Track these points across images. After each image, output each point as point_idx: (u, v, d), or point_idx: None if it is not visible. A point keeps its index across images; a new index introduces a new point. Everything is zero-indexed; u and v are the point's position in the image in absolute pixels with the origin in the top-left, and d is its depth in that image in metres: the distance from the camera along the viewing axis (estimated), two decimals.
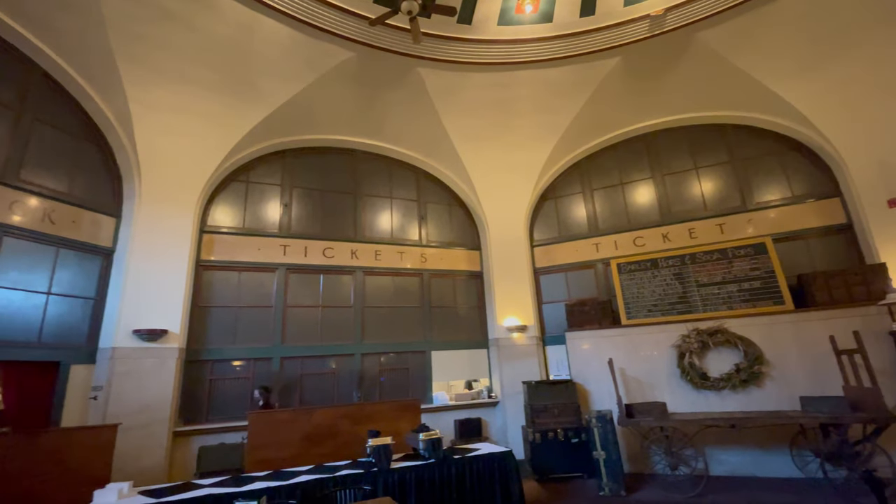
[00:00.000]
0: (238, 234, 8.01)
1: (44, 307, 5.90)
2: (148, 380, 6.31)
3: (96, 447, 5.04)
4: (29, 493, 4.60)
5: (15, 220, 5.70)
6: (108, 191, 6.89)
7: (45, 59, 6.14)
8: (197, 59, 6.62)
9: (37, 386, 5.76)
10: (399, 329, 8.71)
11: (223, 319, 7.53)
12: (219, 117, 7.35)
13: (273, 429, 5.85)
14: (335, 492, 4.00)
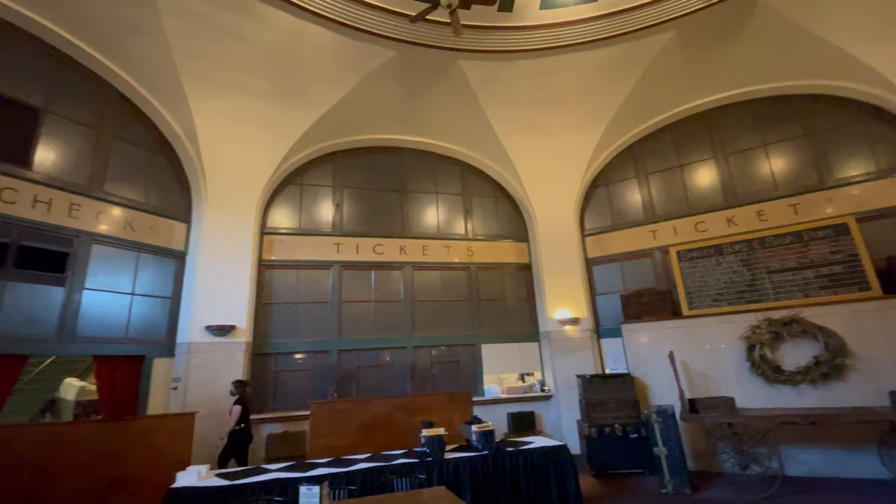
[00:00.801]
0: (295, 234, 8.42)
1: (129, 306, 6.54)
2: (220, 371, 6.82)
3: (178, 433, 5.54)
4: (124, 472, 5.14)
5: (101, 228, 6.35)
6: (179, 198, 7.48)
7: (120, 81, 6.75)
8: (251, 69, 6.99)
9: (125, 377, 6.40)
10: (448, 322, 8.79)
11: (284, 315, 7.96)
12: (273, 124, 7.74)
13: (332, 418, 6.14)
14: (391, 479, 4.13)
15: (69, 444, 5.00)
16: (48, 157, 6.01)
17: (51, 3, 5.79)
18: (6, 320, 5.35)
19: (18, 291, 5.49)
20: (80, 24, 6.07)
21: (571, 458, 5.02)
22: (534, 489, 4.82)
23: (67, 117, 6.27)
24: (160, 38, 6.23)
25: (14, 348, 5.36)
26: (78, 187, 6.19)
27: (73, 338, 5.87)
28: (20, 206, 5.57)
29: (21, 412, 8.28)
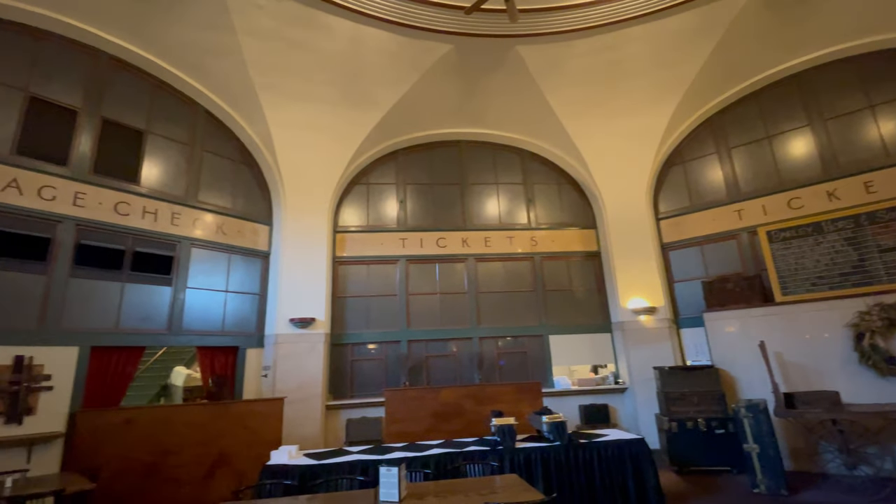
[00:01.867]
0: (363, 231, 8.83)
1: (224, 303, 7.28)
2: (303, 361, 7.39)
3: (270, 416, 6.11)
4: (226, 450, 5.79)
5: (198, 233, 7.11)
6: (262, 203, 8.15)
7: (206, 99, 7.47)
8: (318, 78, 7.40)
9: (224, 366, 7.15)
10: (514, 313, 8.74)
11: (357, 308, 8.41)
12: (340, 129, 8.14)
13: (405, 405, 6.40)
14: (464, 465, 4.24)
15: (181, 424, 5.72)
16: (152, 172, 6.83)
17: (151, 38, 6.54)
18: (127, 317, 6.20)
19: (135, 292, 6.34)
20: (172, 52, 6.80)
21: (650, 452, 4.81)
22: (609, 482, 4.69)
23: (165, 136, 7.08)
24: (238, 56, 6.79)
25: (134, 341, 6.21)
26: (177, 198, 6.98)
27: (180, 331, 6.67)
28: (132, 217, 6.41)
29: (140, 397, 9.56)
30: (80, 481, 4.28)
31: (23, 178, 5.53)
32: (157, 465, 5.41)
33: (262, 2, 6.20)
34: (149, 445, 5.43)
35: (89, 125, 6.25)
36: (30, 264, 5.47)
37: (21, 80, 5.79)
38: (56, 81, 6.07)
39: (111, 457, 5.16)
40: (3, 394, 5.05)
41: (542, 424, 5.09)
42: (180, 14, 6.23)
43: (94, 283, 5.95)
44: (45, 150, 5.81)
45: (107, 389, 5.91)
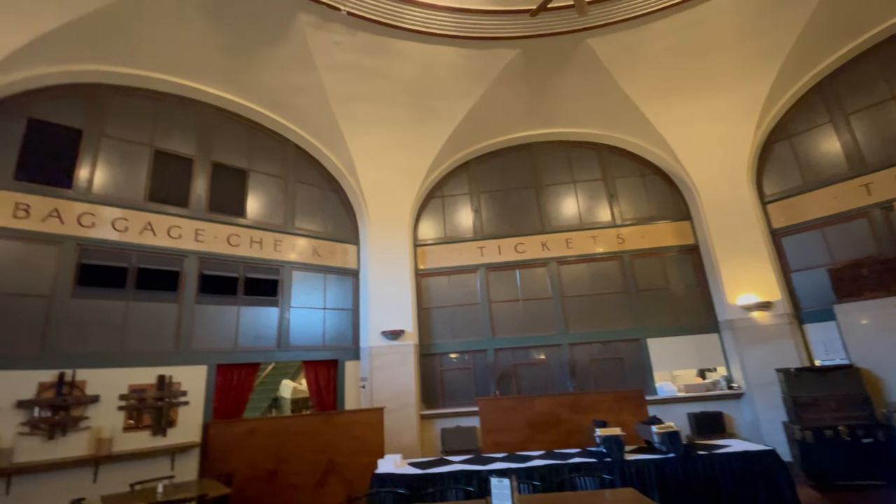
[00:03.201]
0: (441, 243, 9.00)
1: (323, 319, 7.81)
2: (396, 371, 7.66)
3: (372, 425, 6.40)
4: (336, 458, 6.14)
5: (296, 257, 7.74)
6: (349, 225, 8.67)
7: (294, 134, 8.15)
8: (391, 101, 7.74)
9: (326, 378, 7.65)
10: (604, 317, 8.31)
11: (442, 318, 8.56)
12: (414, 146, 8.43)
13: (500, 415, 6.35)
14: (573, 477, 4.08)
15: (294, 434, 6.18)
16: (255, 205, 7.58)
17: (246, 86, 7.31)
18: (243, 337, 6.90)
19: (248, 313, 7.03)
20: (264, 96, 7.54)
21: (785, 465, 4.27)
22: (736, 499, 4.23)
23: (263, 172, 7.83)
24: (320, 91, 7.34)
25: (250, 358, 6.87)
26: (277, 226, 7.67)
27: (288, 347, 7.26)
28: (242, 247, 7.15)
29: (255, 409, 10.53)
30: (218, 486, 4.79)
31: (155, 221, 6.43)
32: (277, 472, 5.89)
33: (338, 38, 6.66)
34: (269, 454, 5.94)
35: (202, 170, 7.11)
36: (165, 295, 6.32)
37: (147, 137, 6.76)
38: (174, 135, 7.01)
39: (239, 464, 5.72)
40: (151, 409, 5.84)
41: (651, 435, 4.76)
42: (269, 61, 6.90)
43: (215, 308, 6.72)
44: (170, 195, 6.72)
45: (230, 403, 6.59)
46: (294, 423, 6.55)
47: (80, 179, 6.01)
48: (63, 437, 5.15)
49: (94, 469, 5.23)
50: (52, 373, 5.24)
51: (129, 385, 5.73)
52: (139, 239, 6.24)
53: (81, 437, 5.26)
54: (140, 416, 5.74)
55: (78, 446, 5.21)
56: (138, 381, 5.80)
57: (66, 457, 5.08)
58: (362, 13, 6.43)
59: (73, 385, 5.35)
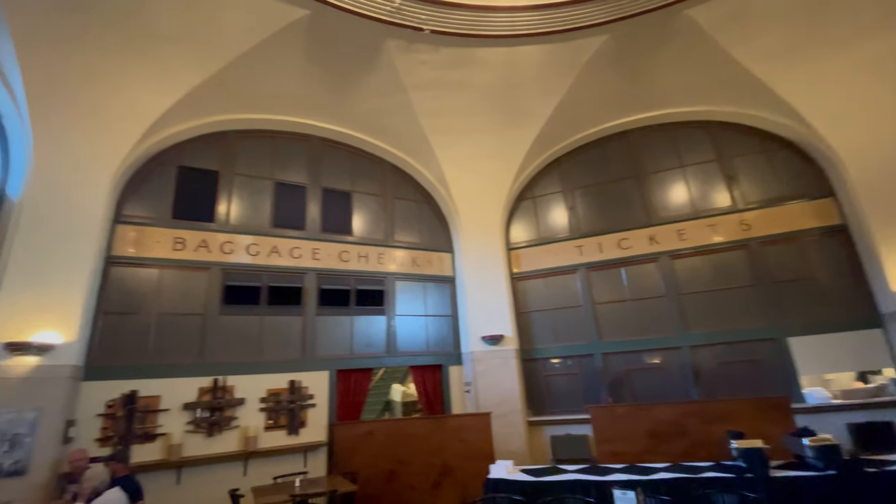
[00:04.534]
0: (536, 244, 8.81)
1: (425, 326, 8.12)
2: (498, 376, 7.65)
3: (480, 430, 6.44)
4: (449, 461, 6.28)
5: (398, 268, 8.17)
6: (443, 234, 8.93)
7: (389, 154, 8.65)
8: (477, 108, 7.84)
9: (432, 382, 7.90)
10: (731, 315, 7.38)
11: (542, 322, 8.36)
12: (502, 150, 8.42)
13: (614, 423, 5.98)
14: (708, 494, 3.68)
15: (408, 436, 6.48)
16: (359, 223, 8.20)
17: (345, 116, 7.96)
18: (357, 344, 7.45)
19: (360, 323, 7.59)
20: (361, 123, 8.13)
21: None
22: None
23: (365, 192, 8.44)
24: (409, 110, 7.71)
25: (364, 364, 7.39)
26: (380, 241, 8.20)
27: (395, 353, 7.67)
28: (351, 262, 7.76)
29: (370, 411, 11.24)
30: (345, 483, 5.21)
31: (279, 244, 7.28)
32: (396, 472, 6.22)
33: (424, 57, 6.95)
34: (387, 454, 6.30)
35: (314, 195, 7.90)
36: (291, 309, 7.10)
37: (268, 171, 7.69)
38: (289, 167, 7.89)
39: (361, 463, 6.16)
40: (285, 410, 6.56)
41: (803, 448, 4.10)
42: (364, 89, 7.43)
43: (333, 319, 7.37)
44: (290, 220, 7.56)
45: (350, 405, 7.14)
46: (407, 425, 6.88)
47: (220, 213, 7.05)
48: (219, 434, 6.03)
49: (244, 463, 6.03)
50: (208, 379, 6.18)
51: (267, 389, 6.52)
52: (268, 260, 7.11)
53: (232, 435, 6.11)
54: (277, 416, 6.49)
55: (230, 443, 6.06)
56: (274, 385, 6.58)
57: (222, 452, 5.94)
58: (445, 29, 6.63)
59: (224, 389, 6.24)
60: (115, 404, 5.57)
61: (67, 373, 5.15)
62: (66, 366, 5.16)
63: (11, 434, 4.64)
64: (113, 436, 5.44)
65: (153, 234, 6.47)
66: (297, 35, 6.37)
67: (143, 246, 6.37)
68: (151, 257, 6.37)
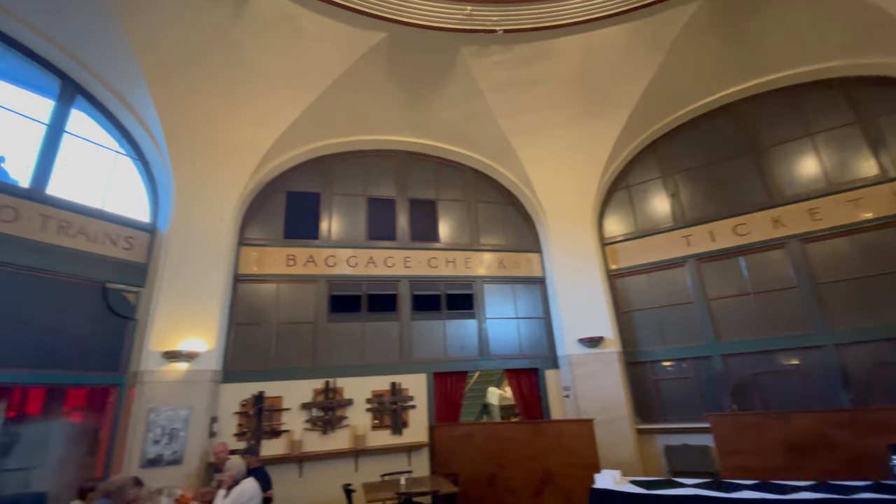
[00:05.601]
0: (634, 238, 8.19)
1: (517, 328, 7.99)
2: (600, 381, 7.21)
3: (582, 436, 6.13)
4: (550, 468, 6.07)
5: (485, 272, 8.18)
6: (529, 234, 8.74)
7: (470, 159, 8.73)
8: (556, 102, 7.59)
9: (528, 386, 7.73)
10: (890, 305, 6.09)
11: (647, 321, 7.72)
12: (587, 142, 8.01)
13: (741, 434, 5.29)
14: None
15: (506, 440, 6.40)
16: (445, 230, 8.39)
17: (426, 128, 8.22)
18: (451, 347, 7.60)
19: (452, 326, 7.74)
20: (441, 132, 8.34)
21: None
22: None
23: (449, 199, 8.62)
24: (487, 113, 7.72)
25: (458, 367, 7.51)
26: (466, 245, 8.30)
27: (489, 356, 7.67)
28: (440, 267, 7.96)
29: (468, 414, 11.37)
30: (447, 485, 5.32)
31: (375, 255, 7.75)
32: (496, 476, 6.18)
33: (497, 58, 6.93)
34: (486, 457, 6.30)
35: (403, 207, 8.28)
36: (388, 315, 7.51)
37: (361, 188, 8.25)
38: (379, 182, 8.38)
39: (462, 465, 6.24)
40: (388, 411, 6.92)
41: None
42: (442, 100, 7.63)
43: (426, 323, 7.63)
44: (382, 232, 8.03)
45: (448, 407, 7.29)
46: (505, 429, 6.82)
47: (323, 230, 7.74)
48: (332, 432, 6.56)
49: (355, 460, 6.48)
50: (320, 381, 6.77)
51: (372, 391, 6.95)
52: (365, 271, 7.61)
53: (344, 433, 6.61)
54: (382, 416, 6.87)
55: (342, 440, 6.56)
56: (377, 387, 6.99)
57: (335, 449, 6.45)
58: (517, 26, 6.55)
59: (334, 391, 6.79)
60: (247, 403, 6.39)
61: (209, 376, 6.04)
62: (208, 370, 6.05)
63: (170, 428, 5.57)
64: (246, 431, 6.24)
65: (270, 253, 7.33)
66: (377, 57, 6.77)
67: (262, 264, 7.23)
68: (270, 273, 7.21)
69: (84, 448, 6.14)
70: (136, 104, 6.39)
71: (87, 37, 5.78)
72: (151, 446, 5.43)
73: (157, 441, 5.47)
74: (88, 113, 6.43)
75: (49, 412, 6.37)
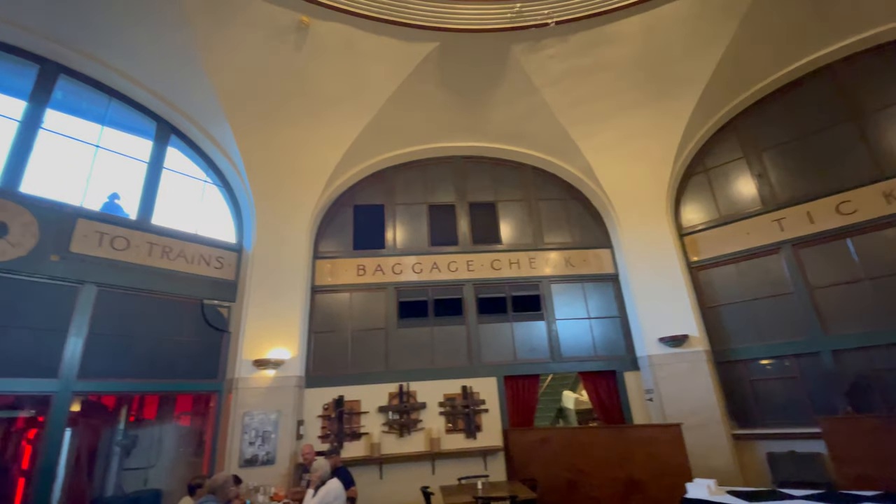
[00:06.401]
0: (717, 225, 7.53)
1: (589, 329, 7.66)
2: (687, 382, 6.67)
3: (670, 443, 5.72)
4: (635, 476, 5.73)
5: (551, 271, 7.94)
6: (596, 229, 8.35)
7: (528, 157, 8.55)
8: (617, 87, 7.21)
9: (606, 389, 7.36)
10: None
11: (737, 316, 7.04)
12: (655, 126, 7.52)
13: (860, 440, 4.64)
14: None
15: (586, 445, 6.15)
16: (507, 231, 8.29)
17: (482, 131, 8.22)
18: (520, 350, 7.46)
19: (520, 329, 7.60)
20: (498, 133, 8.27)
21: None
22: None
23: (508, 199, 8.52)
24: (543, 109, 7.54)
25: (528, 370, 7.35)
26: (529, 245, 8.13)
27: (561, 359, 7.42)
28: (503, 269, 7.88)
29: (543, 418, 11.07)
30: (525, 491, 5.21)
31: (438, 260, 7.86)
32: (577, 483, 5.95)
33: (551, 51, 6.75)
34: (564, 463, 6.09)
35: (463, 211, 8.33)
36: (454, 319, 7.56)
37: (421, 197, 8.42)
38: (438, 189, 8.50)
39: (539, 471, 6.08)
40: (461, 415, 6.95)
41: None
42: (497, 100, 7.58)
43: (493, 326, 7.58)
44: (444, 237, 8.12)
45: (521, 411, 7.16)
46: (584, 434, 6.56)
47: (388, 240, 8.01)
48: (408, 435, 6.73)
49: (431, 463, 6.58)
50: (394, 385, 6.98)
51: (444, 394, 7.02)
52: (430, 276, 7.74)
53: (419, 436, 6.74)
54: (455, 420, 6.92)
55: (418, 443, 6.70)
56: (448, 391, 7.06)
57: (412, 451, 6.60)
58: (570, 16, 6.34)
59: (408, 394, 6.96)
60: (328, 407, 6.76)
61: (294, 382, 6.47)
62: (293, 376, 6.49)
63: (262, 431, 6.05)
64: (329, 433, 6.60)
65: (342, 265, 7.72)
66: (430, 68, 6.90)
67: (336, 275, 7.64)
68: (342, 283, 7.59)
69: (191, 449, 6.87)
70: (219, 137, 7.08)
71: (177, 82, 6.52)
72: (247, 447, 5.93)
73: (252, 442, 5.96)
74: (179, 148, 7.23)
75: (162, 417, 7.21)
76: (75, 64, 6.22)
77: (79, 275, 5.58)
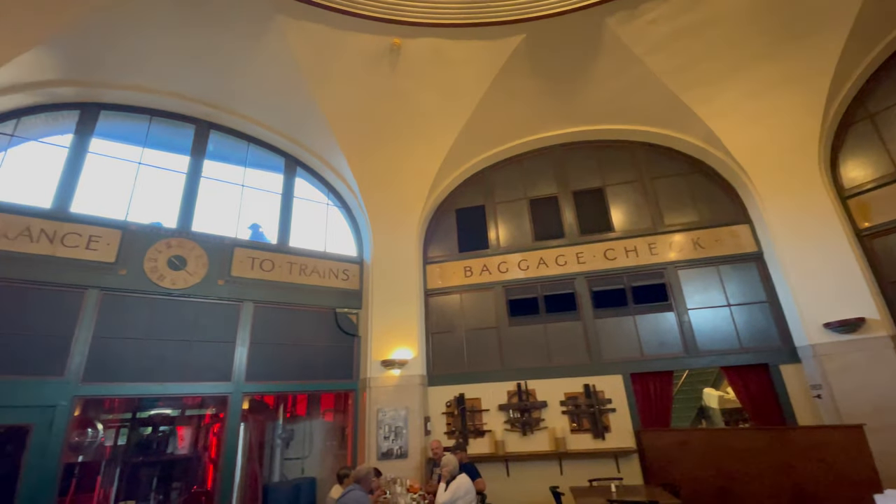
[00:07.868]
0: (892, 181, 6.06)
1: (730, 317, 6.73)
2: (866, 376, 5.49)
3: (849, 447, 4.78)
4: (803, 485, 4.90)
5: (673, 256, 7.18)
6: (729, 203, 7.31)
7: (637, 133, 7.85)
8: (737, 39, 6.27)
9: (757, 385, 6.39)
10: None
11: None
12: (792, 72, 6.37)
13: None
14: None
15: (736, 449, 5.43)
16: (619, 216, 7.72)
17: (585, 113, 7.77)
18: (647, 345, 6.87)
19: (645, 321, 7.00)
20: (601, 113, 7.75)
21: None
22: None
23: (618, 182, 7.94)
24: (650, 78, 6.84)
25: (659, 366, 6.72)
26: (647, 230, 7.46)
27: (697, 352, 6.65)
28: (619, 259, 7.35)
29: (681, 419, 10.02)
30: (667, 496, 4.78)
31: (545, 255, 7.67)
32: (727, 490, 5.29)
33: (651, 16, 6.13)
34: (710, 468, 5.46)
35: (566, 201, 7.99)
36: (568, 314, 7.28)
37: (521, 192, 8.29)
38: (538, 182, 8.29)
39: (680, 475, 5.54)
40: (586, 414, 6.65)
41: None
42: (595, 79, 7.12)
43: (613, 320, 7.11)
44: (549, 231, 7.88)
45: (654, 411, 6.59)
46: (732, 437, 5.81)
47: (492, 240, 8.06)
48: (531, 434, 6.66)
49: (559, 462, 6.42)
50: (512, 384, 6.97)
51: (564, 393, 6.81)
52: (537, 272, 7.58)
53: (542, 435, 6.63)
54: (580, 419, 6.65)
55: (542, 442, 6.59)
56: (569, 389, 6.82)
57: (536, 450, 6.51)
58: None
59: (527, 393, 6.90)
60: (451, 405, 7.03)
61: (418, 380, 6.86)
62: (416, 375, 6.89)
63: (395, 426, 6.53)
64: (454, 430, 6.85)
65: (450, 268, 7.98)
66: (518, 61, 6.79)
67: (445, 278, 7.93)
68: (452, 286, 7.85)
69: (336, 442, 7.71)
70: (334, 162, 7.87)
71: (297, 120, 7.42)
72: (383, 441, 6.45)
73: (387, 437, 6.47)
74: (303, 177, 8.20)
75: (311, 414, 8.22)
76: (223, 120, 7.45)
77: (239, 294, 6.66)
